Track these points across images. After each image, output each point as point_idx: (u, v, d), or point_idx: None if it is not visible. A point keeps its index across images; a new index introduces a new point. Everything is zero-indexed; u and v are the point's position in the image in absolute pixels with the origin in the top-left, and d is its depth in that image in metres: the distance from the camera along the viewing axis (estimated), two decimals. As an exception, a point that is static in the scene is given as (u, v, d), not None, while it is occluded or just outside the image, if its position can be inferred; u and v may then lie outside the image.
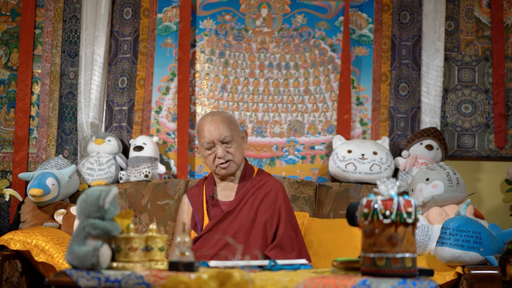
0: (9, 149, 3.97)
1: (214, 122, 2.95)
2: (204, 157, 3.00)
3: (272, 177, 3.07)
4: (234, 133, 2.97)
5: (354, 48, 3.96)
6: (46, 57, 4.01)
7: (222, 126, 2.94)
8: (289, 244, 2.86)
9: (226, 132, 2.94)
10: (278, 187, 3.00)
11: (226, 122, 2.96)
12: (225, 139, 2.93)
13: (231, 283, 1.80)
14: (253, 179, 3.01)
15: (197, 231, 2.98)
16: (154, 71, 4.01)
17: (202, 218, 2.99)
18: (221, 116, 2.98)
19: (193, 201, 3.05)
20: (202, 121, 3.00)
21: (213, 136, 2.93)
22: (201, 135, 2.97)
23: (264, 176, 3.05)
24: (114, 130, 4.00)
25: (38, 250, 3.09)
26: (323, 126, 3.93)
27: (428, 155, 3.66)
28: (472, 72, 3.93)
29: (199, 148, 3.02)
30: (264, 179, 3.02)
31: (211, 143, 2.94)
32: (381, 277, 1.87)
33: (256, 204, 2.93)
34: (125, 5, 4.05)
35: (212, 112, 3.06)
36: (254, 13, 4.02)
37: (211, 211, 2.98)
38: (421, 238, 3.07)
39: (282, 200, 2.96)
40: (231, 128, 2.96)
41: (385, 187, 1.92)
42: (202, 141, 2.96)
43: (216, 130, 2.93)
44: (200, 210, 3.01)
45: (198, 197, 3.05)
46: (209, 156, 2.96)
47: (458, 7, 3.96)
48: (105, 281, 1.94)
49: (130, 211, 2.06)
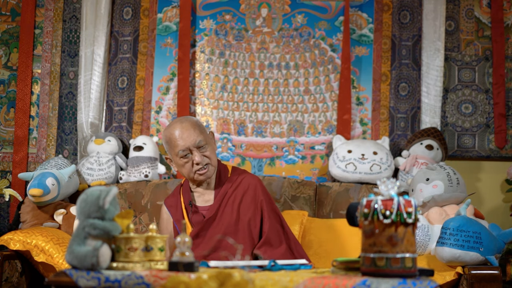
0: (9, 149, 3.97)
1: (185, 128, 2.84)
2: (180, 166, 2.87)
3: (248, 173, 3.00)
4: (205, 136, 2.88)
5: (354, 48, 3.96)
6: (46, 57, 4.01)
7: (194, 131, 2.83)
8: (277, 238, 2.82)
9: (199, 136, 2.83)
10: (256, 182, 2.92)
11: (196, 126, 2.86)
12: (200, 144, 2.83)
13: (231, 283, 1.80)
14: (229, 179, 2.94)
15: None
16: (154, 71, 4.01)
17: (183, 227, 2.92)
18: (190, 121, 2.87)
19: (172, 212, 2.96)
20: (170, 130, 2.86)
21: (188, 142, 2.82)
22: (173, 144, 2.84)
23: (240, 173, 2.97)
24: (114, 130, 3.99)
25: (38, 250, 3.09)
26: (323, 126, 3.93)
27: (428, 155, 3.66)
28: (472, 72, 3.93)
29: (172, 159, 2.90)
30: (240, 176, 2.94)
31: (186, 150, 2.82)
32: (381, 277, 1.87)
33: (237, 204, 2.86)
34: (125, 5, 4.05)
35: (178, 119, 2.92)
36: (254, 13, 4.02)
37: (192, 218, 2.90)
38: (421, 238, 3.07)
39: (262, 195, 2.89)
40: (202, 131, 2.87)
41: (385, 187, 1.92)
42: (176, 150, 2.84)
43: (189, 136, 2.82)
44: (180, 219, 2.92)
45: (176, 207, 2.96)
46: (185, 165, 2.85)
47: (458, 7, 3.96)
48: (105, 281, 1.94)
49: (130, 211, 2.06)
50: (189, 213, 2.92)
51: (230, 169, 3.00)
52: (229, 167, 3.00)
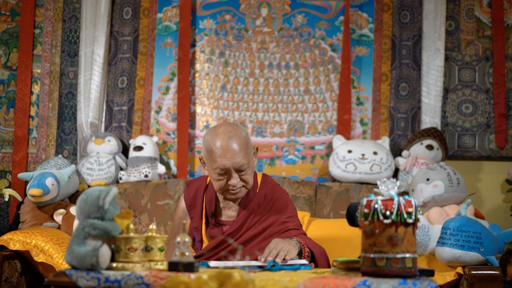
0: (8, 149, 3.97)
1: (231, 148, 2.57)
2: (212, 178, 2.64)
3: (277, 190, 2.80)
4: (250, 158, 2.62)
5: (354, 48, 3.96)
6: (45, 57, 4.00)
7: (239, 153, 2.57)
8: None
9: (243, 160, 2.58)
10: (284, 197, 2.77)
11: (243, 147, 2.59)
12: (242, 168, 2.59)
13: (231, 283, 1.79)
14: (257, 194, 2.73)
15: (195, 249, 2.72)
16: (154, 71, 4.01)
17: (201, 238, 2.73)
18: (238, 139, 2.59)
19: (191, 214, 2.76)
20: (215, 140, 2.59)
21: (229, 164, 2.56)
22: (213, 158, 2.58)
23: (269, 189, 2.78)
24: (114, 130, 3.99)
25: (38, 250, 3.09)
26: (323, 126, 3.93)
27: (428, 155, 3.65)
28: (473, 72, 3.93)
29: (207, 168, 2.66)
30: (269, 193, 2.76)
31: (224, 170, 2.58)
32: (382, 277, 1.87)
33: (262, 226, 2.69)
34: (125, 5, 4.05)
35: (226, 131, 2.61)
36: (254, 13, 4.02)
37: (210, 232, 2.71)
38: (422, 238, 3.07)
39: (288, 213, 2.73)
40: (248, 153, 2.61)
41: (385, 187, 1.91)
42: (214, 165, 2.58)
43: (232, 158, 2.56)
44: (199, 228, 2.73)
45: (196, 210, 2.76)
46: (219, 181, 2.61)
47: (459, 6, 3.95)
48: (104, 282, 1.93)
49: (130, 211, 2.06)
50: (208, 225, 2.73)
51: (259, 180, 2.79)
52: (259, 178, 2.80)
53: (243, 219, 2.68)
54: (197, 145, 3.95)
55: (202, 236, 2.73)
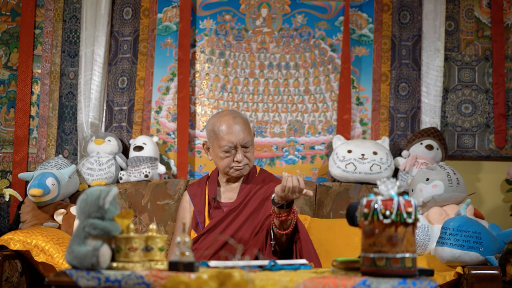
0: (9, 149, 3.97)
1: (237, 124, 2.86)
2: (218, 158, 2.89)
3: (274, 177, 3.03)
4: (252, 136, 2.91)
5: (354, 48, 3.96)
6: (46, 57, 4.01)
7: (244, 129, 2.86)
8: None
9: (248, 136, 2.87)
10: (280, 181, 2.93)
11: (246, 126, 2.88)
12: (247, 144, 2.86)
13: (231, 283, 1.80)
14: (256, 178, 2.97)
15: (198, 231, 2.94)
16: (154, 71, 4.01)
17: (204, 220, 2.94)
18: (242, 118, 2.89)
19: (195, 201, 3.00)
20: (221, 121, 2.88)
21: (236, 140, 2.84)
22: (220, 137, 2.85)
23: (267, 175, 3.02)
24: (114, 130, 3.99)
25: (38, 250, 3.09)
26: (323, 126, 3.93)
27: (428, 155, 3.66)
28: (472, 72, 3.93)
29: (212, 148, 2.92)
30: (266, 178, 2.99)
31: (232, 147, 2.85)
32: (381, 277, 1.87)
33: (258, 201, 2.88)
34: (125, 5, 4.05)
35: (229, 112, 2.92)
36: (254, 13, 4.02)
37: (212, 213, 2.93)
38: (421, 238, 3.07)
39: None
40: (250, 132, 2.90)
41: (385, 187, 1.92)
42: (222, 143, 2.84)
43: (239, 134, 2.84)
44: (202, 211, 2.96)
45: (200, 197, 2.99)
46: (225, 159, 2.87)
47: (458, 7, 3.96)
48: (105, 281, 1.94)
49: (130, 211, 2.06)
50: (211, 208, 2.94)
51: (258, 170, 3.03)
52: (258, 168, 3.04)
53: (242, 197, 2.89)
54: (197, 145, 3.96)
55: (205, 218, 2.92)
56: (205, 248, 2.79)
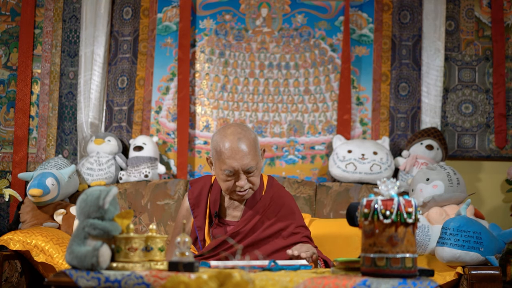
0: (8, 149, 3.97)
1: (240, 150, 2.57)
2: (220, 179, 2.64)
3: (283, 191, 2.82)
4: (258, 159, 2.63)
5: (354, 48, 3.96)
6: (45, 57, 4.01)
7: (248, 154, 2.58)
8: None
9: (252, 161, 2.59)
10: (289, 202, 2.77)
11: (252, 149, 2.59)
12: (250, 170, 2.60)
13: (231, 283, 1.79)
14: (263, 197, 2.74)
15: (197, 248, 2.73)
16: (154, 71, 4.01)
17: (203, 237, 2.72)
18: (248, 140, 2.60)
19: (195, 213, 2.76)
20: (224, 141, 2.60)
21: (238, 165, 2.57)
22: (221, 159, 2.59)
23: (275, 192, 2.78)
24: (114, 130, 3.99)
25: (38, 250, 3.09)
26: (323, 126, 3.93)
27: (428, 155, 3.65)
28: (473, 72, 3.93)
29: (215, 168, 2.66)
30: (275, 195, 2.76)
31: (233, 171, 2.59)
32: (381, 277, 1.87)
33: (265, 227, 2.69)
34: (125, 5, 4.05)
35: (235, 131, 2.62)
36: (254, 13, 4.02)
37: (213, 231, 2.71)
38: (421, 238, 3.07)
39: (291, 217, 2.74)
40: (256, 155, 2.62)
41: (385, 187, 1.91)
42: (223, 166, 2.59)
43: (241, 159, 2.57)
44: (202, 227, 2.73)
45: (200, 209, 2.75)
46: (226, 182, 2.62)
47: (459, 7, 3.95)
48: (105, 281, 1.94)
49: (130, 211, 2.06)
50: (212, 224, 2.73)
51: (266, 182, 2.79)
52: (265, 180, 2.80)
53: (248, 220, 2.68)
54: (197, 145, 3.95)
55: (204, 235, 2.73)
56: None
